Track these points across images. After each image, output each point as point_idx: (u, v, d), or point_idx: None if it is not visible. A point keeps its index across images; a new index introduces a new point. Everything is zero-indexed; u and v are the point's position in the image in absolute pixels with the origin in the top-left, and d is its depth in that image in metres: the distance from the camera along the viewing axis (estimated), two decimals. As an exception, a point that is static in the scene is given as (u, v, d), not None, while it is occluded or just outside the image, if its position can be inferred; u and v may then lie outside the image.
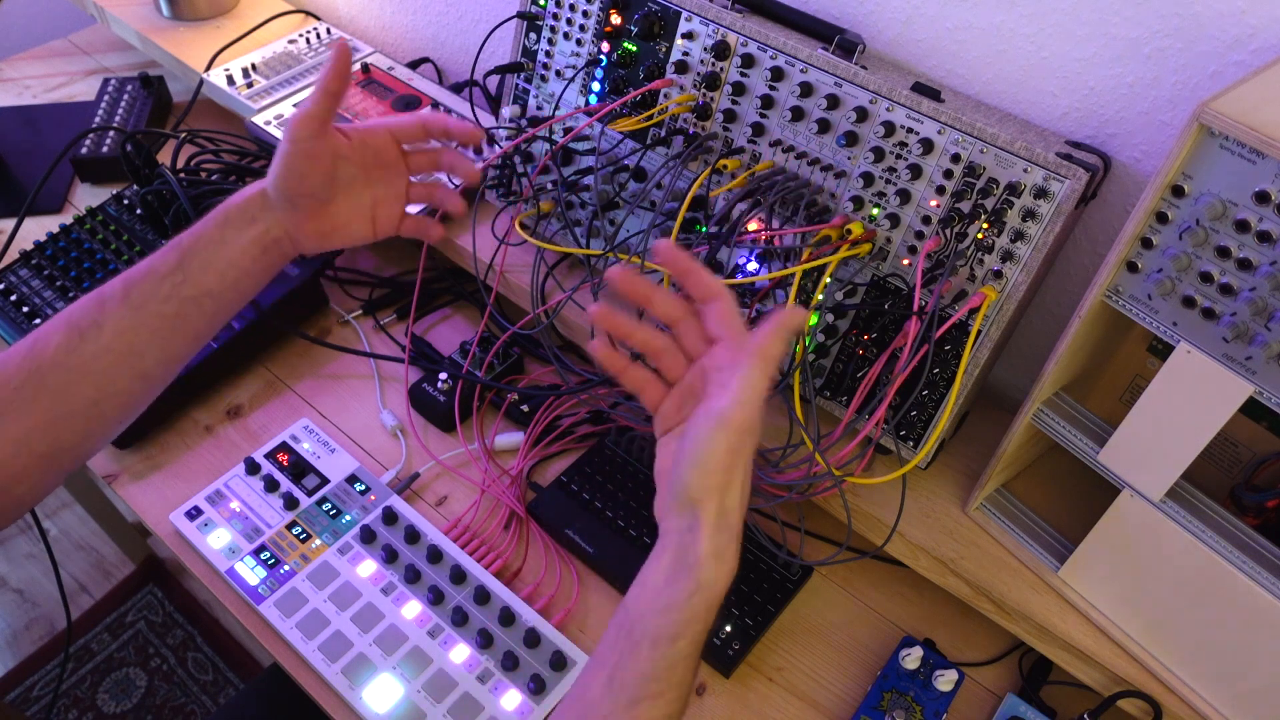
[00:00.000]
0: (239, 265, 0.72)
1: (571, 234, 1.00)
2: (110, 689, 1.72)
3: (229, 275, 0.72)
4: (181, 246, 0.72)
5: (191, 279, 0.71)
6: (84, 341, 0.69)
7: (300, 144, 0.70)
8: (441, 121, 0.77)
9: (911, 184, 0.79)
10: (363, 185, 0.76)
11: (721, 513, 0.56)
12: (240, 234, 0.72)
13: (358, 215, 0.77)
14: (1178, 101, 0.76)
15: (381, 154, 0.76)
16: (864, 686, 0.87)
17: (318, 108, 0.70)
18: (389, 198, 0.78)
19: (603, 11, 0.92)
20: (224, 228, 0.72)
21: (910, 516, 0.86)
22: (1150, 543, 0.73)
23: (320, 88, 0.69)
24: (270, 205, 0.73)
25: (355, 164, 0.75)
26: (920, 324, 0.75)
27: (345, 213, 0.76)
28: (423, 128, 0.77)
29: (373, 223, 0.78)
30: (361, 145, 0.75)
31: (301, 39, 1.36)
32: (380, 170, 0.77)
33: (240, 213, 0.73)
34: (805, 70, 0.81)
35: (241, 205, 0.73)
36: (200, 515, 0.93)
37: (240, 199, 0.73)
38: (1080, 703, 0.82)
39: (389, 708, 0.81)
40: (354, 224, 0.77)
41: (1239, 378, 0.63)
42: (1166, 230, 0.63)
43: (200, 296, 0.72)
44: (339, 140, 0.73)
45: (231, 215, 0.73)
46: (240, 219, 0.73)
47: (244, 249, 0.72)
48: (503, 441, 1.03)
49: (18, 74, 1.51)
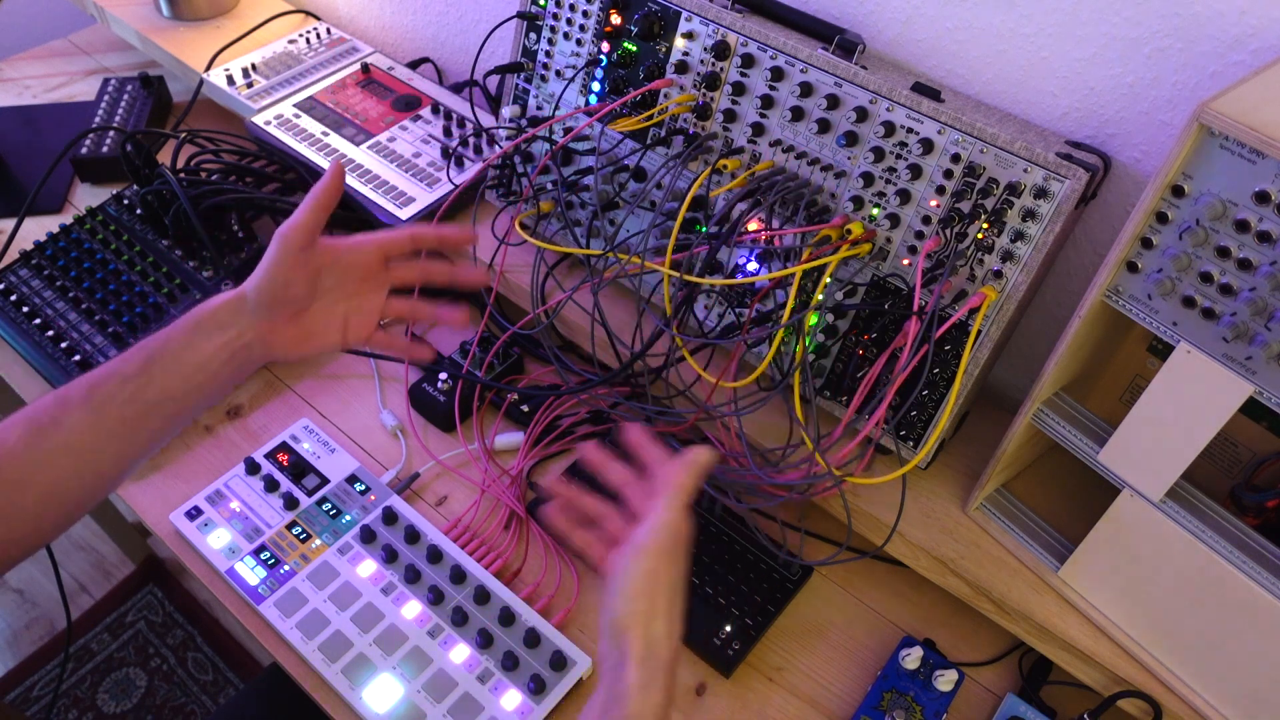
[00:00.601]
0: (205, 370, 0.72)
1: (571, 234, 1.00)
2: (110, 689, 1.72)
3: (194, 380, 0.72)
4: (148, 350, 0.72)
5: (155, 382, 0.71)
6: (42, 438, 0.69)
7: (289, 253, 0.71)
8: (433, 234, 0.78)
9: (911, 184, 0.79)
10: (340, 296, 0.77)
11: (648, 643, 0.59)
12: (209, 339, 0.72)
13: (332, 324, 0.77)
14: (1178, 101, 0.76)
15: (365, 267, 0.77)
16: (864, 686, 0.87)
17: (309, 219, 0.71)
18: (364, 310, 0.78)
19: (603, 11, 0.92)
20: (193, 333, 0.72)
21: (910, 516, 0.86)
22: (1150, 543, 0.73)
23: (312, 200, 0.71)
24: (245, 311, 0.73)
25: (336, 274, 0.76)
26: (920, 324, 0.75)
27: (320, 321, 0.76)
28: (413, 242, 0.78)
29: (344, 333, 0.78)
30: (349, 257, 0.76)
31: (301, 39, 1.36)
32: (359, 283, 0.77)
33: (211, 318, 0.73)
34: (805, 70, 0.81)
35: (213, 311, 0.73)
36: (200, 515, 0.93)
37: (212, 305, 0.73)
38: (1080, 703, 0.82)
39: (389, 708, 0.81)
40: (327, 333, 0.77)
41: (1239, 378, 0.63)
42: (1166, 230, 0.63)
43: (163, 400, 0.71)
44: (325, 251, 0.74)
45: (203, 320, 0.72)
46: (211, 324, 0.72)
47: (212, 354, 0.72)
48: (503, 441, 1.03)
49: (18, 74, 1.51)
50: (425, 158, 1.17)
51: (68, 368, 1.03)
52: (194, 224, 1.07)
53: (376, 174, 1.14)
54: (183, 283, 1.10)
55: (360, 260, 0.76)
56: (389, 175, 1.14)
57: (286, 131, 1.20)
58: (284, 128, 1.20)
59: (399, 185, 1.13)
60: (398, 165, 1.16)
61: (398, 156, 1.17)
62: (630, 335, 0.96)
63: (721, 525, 0.95)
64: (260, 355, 0.75)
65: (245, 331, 0.73)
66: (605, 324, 0.92)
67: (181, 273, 1.10)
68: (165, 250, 1.13)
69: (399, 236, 0.78)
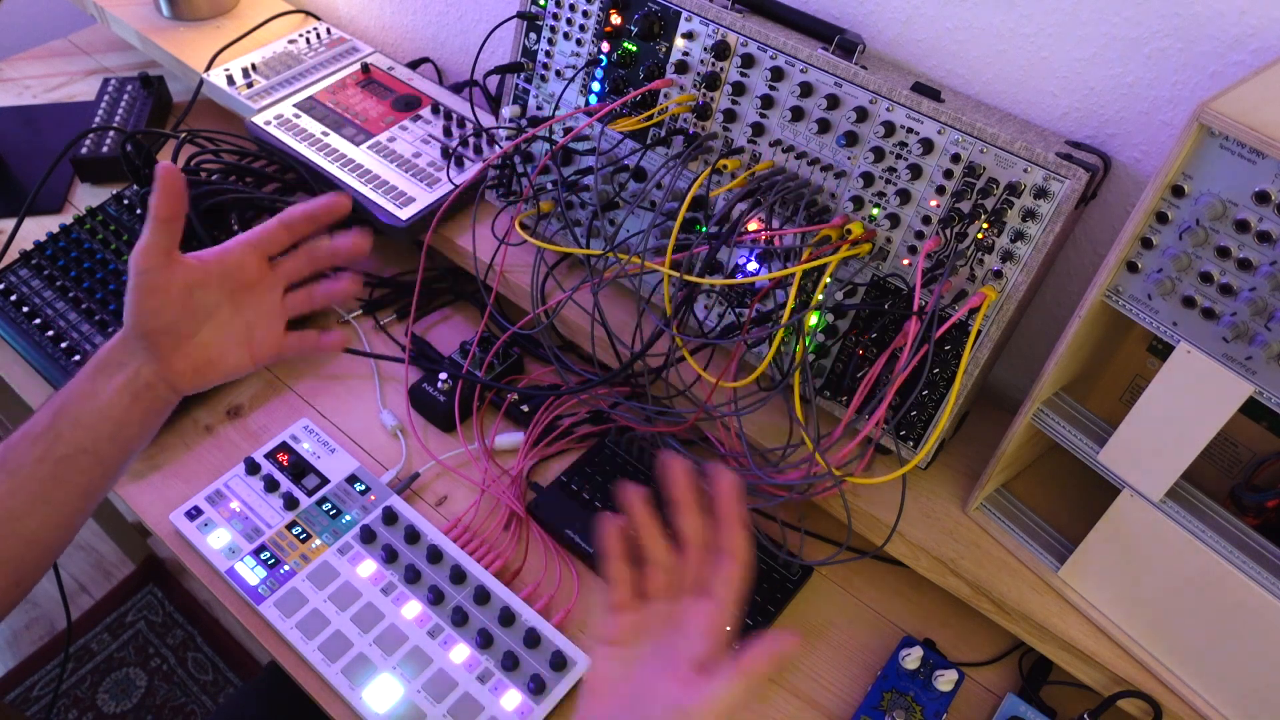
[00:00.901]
0: (110, 417, 0.69)
1: (571, 234, 1.00)
2: (110, 689, 1.72)
3: (102, 429, 0.69)
4: (54, 406, 0.69)
5: (64, 437, 0.68)
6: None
7: (144, 276, 0.66)
8: (301, 212, 0.72)
9: (911, 184, 0.79)
10: (230, 312, 0.71)
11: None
12: (109, 383, 0.69)
13: (233, 343, 0.72)
14: (1178, 101, 0.76)
15: (243, 273, 0.71)
16: (864, 686, 0.87)
17: (155, 237, 0.66)
18: (263, 318, 0.73)
19: (603, 11, 0.92)
20: (94, 378, 0.69)
21: (910, 516, 0.86)
22: (1150, 543, 0.73)
23: (152, 216, 0.65)
24: (133, 349, 0.69)
25: (215, 290, 0.70)
26: (920, 324, 0.75)
27: (217, 344, 0.71)
28: (284, 229, 0.72)
29: (249, 349, 0.73)
30: (219, 268, 0.70)
31: (301, 39, 1.36)
32: (245, 292, 0.72)
33: (107, 361, 0.69)
34: (805, 70, 0.81)
35: (108, 353, 0.70)
36: (200, 515, 0.93)
37: (106, 347, 0.70)
38: (1080, 703, 0.82)
39: (389, 708, 0.81)
40: (230, 353, 0.72)
41: (1239, 378, 0.63)
42: (1166, 230, 0.63)
43: (75, 454, 0.68)
44: (190, 268, 0.69)
45: (100, 364, 0.69)
46: (108, 368, 0.69)
47: (112, 399, 0.69)
48: (503, 441, 1.03)
49: (18, 74, 1.51)
50: (425, 158, 1.17)
51: (68, 368, 1.03)
52: (194, 224, 1.07)
53: (376, 174, 1.14)
54: (183, 283, 1.10)
55: (236, 268, 0.71)
56: (389, 175, 1.14)
57: (286, 131, 1.20)
58: (284, 128, 1.20)
59: (399, 185, 1.13)
60: (398, 165, 1.16)
61: (398, 156, 1.17)
62: (630, 335, 0.96)
63: (721, 525, 0.95)
64: (166, 392, 0.71)
65: (142, 369, 0.69)
66: (605, 324, 0.92)
67: (181, 273, 1.10)
68: (165, 250, 1.13)
69: (269, 230, 0.72)
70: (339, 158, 1.16)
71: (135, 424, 0.70)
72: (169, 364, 0.70)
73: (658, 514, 0.61)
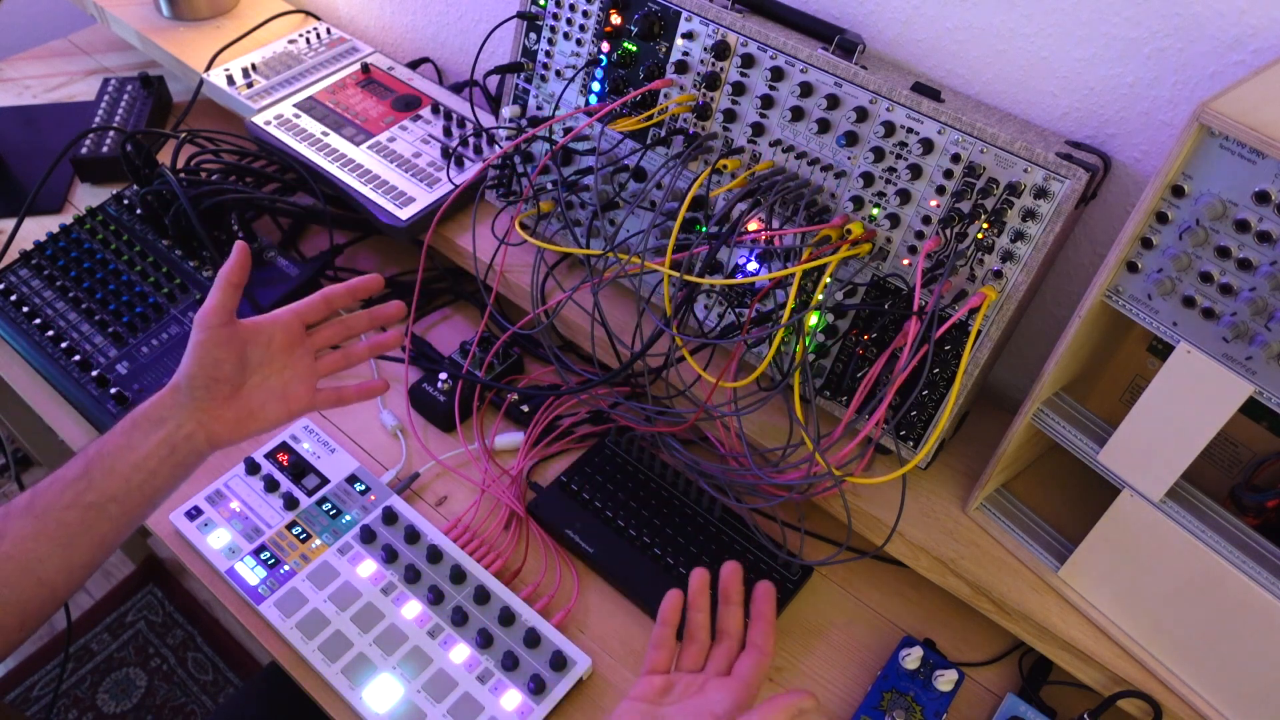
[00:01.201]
0: (145, 468, 0.72)
1: (571, 234, 1.00)
2: (110, 689, 1.72)
3: (135, 479, 0.72)
4: (88, 454, 0.72)
5: (96, 485, 0.71)
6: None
7: (211, 332, 0.74)
8: (345, 290, 0.82)
9: (911, 184, 0.79)
10: (270, 371, 0.79)
11: None
12: (148, 437, 0.73)
13: (271, 398, 0.79)
14: (1178, 101, 0.76)
15: (287, 336, 0.80)
16: (864, 686, 0.87)
17: (222, 298, 0.75)
18: (299, 377, 0.80)
19: (603, 11, 0.92)
20: (130, 433, 0.73)
21: (910, 516, 0.86)
22: (1150, 543, 0.73)
23: (223, 281, 0.75)
24: (181, 403, 0.74)
25: (262, 349, 0.78)
26: (920, 324, 0.75)
27: (259, 397, 0.78)
28: (326, 304, 0.82)
29: (286, 403, 0.80)
30: (269, 330, 0.79)
31: (301, 39, 1.36)
32: (285, 354, 0.80)
33: (147, 417, 0.74)
34: (805, 70, 0.81)
35: (148, 409, 0.74)
36: (200, 515, 0.93)
37: (148, 403, 0.75)
38: (1080, 703, 0.82)
39: (389, 708, 0.81)
40: (269, 406, 0.79)
41: (1239, 378, 0.63)
42: (1166, 230, 0.63)
43: (105, 502, 0.71)
44: (246, 328, 0.77)
45: (138, 420, 0.73)
46: (147, 423, 0.73)
47: (151, 451, 0.73)
48: (503, 441, 1.03)
49: (18, 74, 1.51)
50: (425, 158, 1.17)
51: (68, 368, 1.03)
52: (194, 224, 1.07)
53: (376, 174, 1.14)
54: (183, 283, 1.10)
55: (281, 332, 0.79)
56: (389, 175, 1.14)
57: (286, 131, 1.20)
58: (284, 128, 1.20)
59: (399, 185, 1.13)
60: (398, 165, 1.16)
61: (398, 156, 1.17)
62: (630, 335, 0.96)
63: (721, 525, 0.95)
64: (204, 444, 0.75)
65: (185, 423, 0.74)
66: (605, 324, 0.92)
67: (181, 273, 1.11)
68: (165, 250, 1.13)
69: (313, 303, 0.81)
70: (339, 158, 1.16)
71: (165, 475, 0.74)
72: (217, 415, 0.76)
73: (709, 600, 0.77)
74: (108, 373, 1.02)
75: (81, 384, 1.02)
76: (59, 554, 0.70)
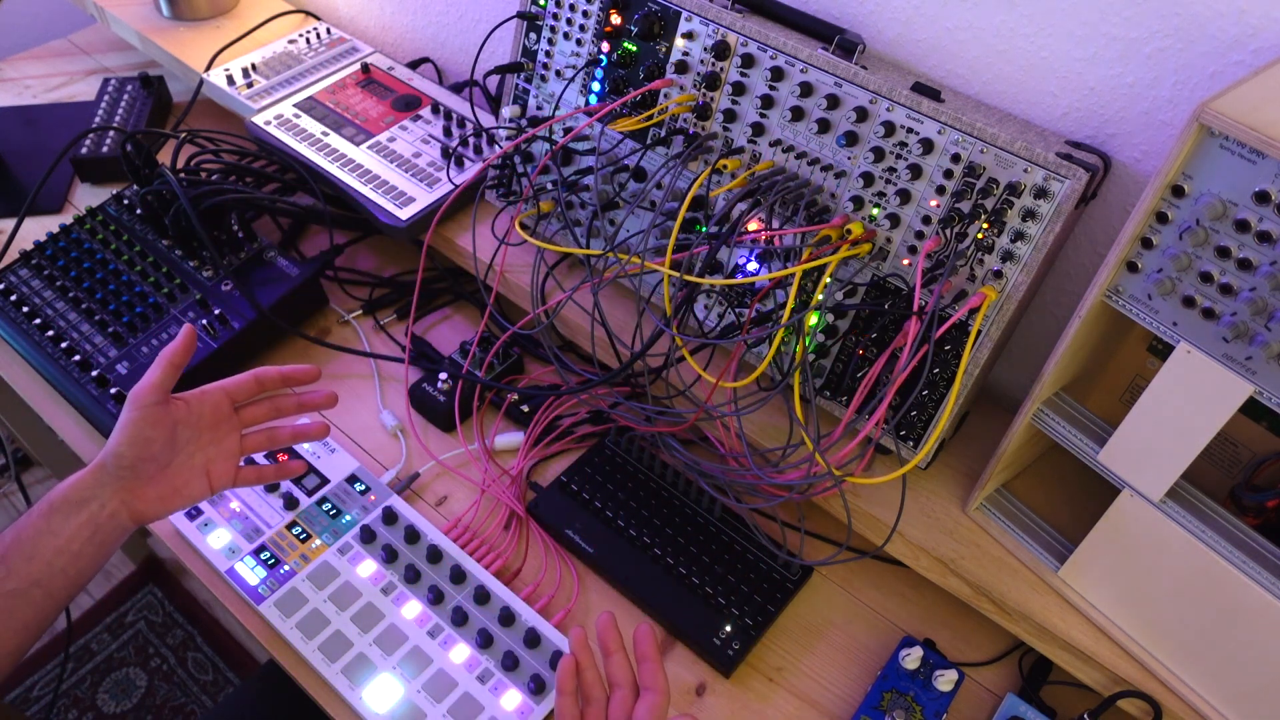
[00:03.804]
0: (69, 551, 0.71)
1: (571, 234, 1.00)
2: (110, 689, 1.72)
3: (58, 562, 0.71)
4: (4, 541, 0.71)
5: (15, 572, 0.70)
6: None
7: (146, 410, 0.74)
8: (276, 374, 0.82)
9: (911, 184, 0.79)
10: (196, 447, 0.78)
11: None
12: (69, 520, 0.72)
13: (195, 475, 0.78)
14: (1178, 101, 0.76)
15: (215, 415, 0.79)
16: (864, 686, 0.87)
17: (161, 377, 0.74)
18: (223, 454, 0.80)
19: (603, 11, 0.92)
20: (50, 517, 0.71)
21: (910, 516, 0.86)
22: (1150, 543, 0.73)
23: (166, 360, 0.75)
24: (105, 481, 0.73)
25: (192, 427, 0.78)
26: (920, 324, 0.75)
27: (184, 474, 0.77)
28: (257, 384, 0.81)
29: (208, 479, 0.79)
30: (199, 408, 0.78)
31: (301, 39, 1.36)
32: (212, 430, 0.79)
33: (67, 498, 0.72)
34: (805, 70, 0.81)
35: (68, 490, 0.73)
36: (200, 515, 0.93)
37: (66, 486, 0.73)
38: (1080, 703, 0.82)
39: (389, 708, 0.81)
40: (192, 483, 0.78)
41: (1239, 378, 0.63)
42: (1166, 230, 0.63)
43: (27, 589, 0.70)
44: (178, 406, 0.77)
45: (57, 504, 0.72)
46: (68, 505, 0.72)
47: (74, 534, 0.71)
48: (503, 441, 1.03)
49: (18, 74, 1.51)
50: (425, 158, 1.17)
51: (68, 368, 1.03)
52: (194, 224, 1.07)
53: (376, 174, 1.14)
54: (183, 283, 1.10)
55: (210, 409, 0.79)
56: (389, 175, 1.14)
57: (286, 131, 1.20)
58: (284, 128, 1.20)
59: (399, 185, 1.13)
60: (398, 165, 1.16)
61: (398, 156, 1.17)
62: (630, 335, 0.96)
63: (721, 525, 0.95)
64: (127, 521, 0.75)
65: (108, 502, 0.73)
66: (605, 324, 0.92)
67: (181, 273, 1.11)
68: (165, 250, 1.13)
69: (244, 382, 0.81)
70: (339, 158, 1.16)
71: (89, 557, 0.73)
72: (141, 493, 0.75)
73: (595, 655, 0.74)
74: (108, 373, 1.02)
75: (81, 384, 1.02)
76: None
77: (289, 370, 0.82)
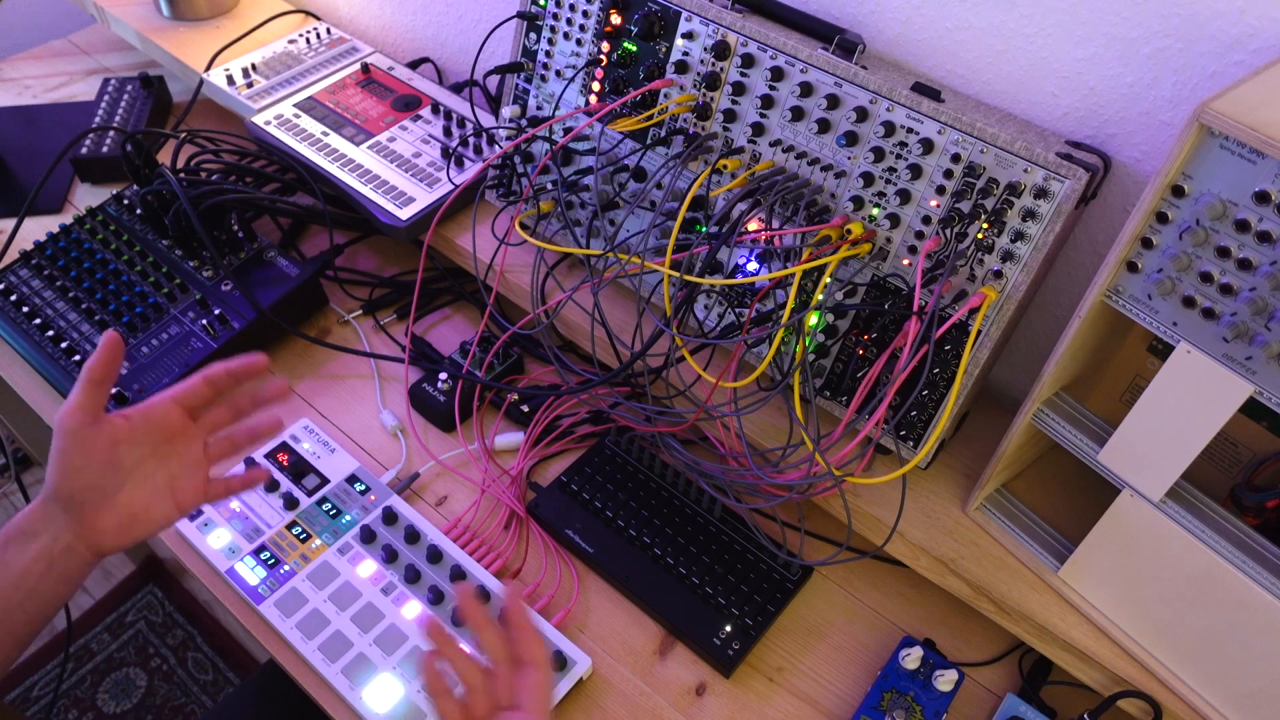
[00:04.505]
0: (24, 585, 0.67)
1: (571, 234, 1.00)
2: (110, 689, 1.72)
3: (14, 596, 0.67)
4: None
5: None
6: None
7: (70, 436, 0.67)
8: (223, 371, 0.74)
9: (911, 184, 0.79)
10: (154, 465, 0.71)
11: None
12: (21, 553, 0.67)
13: (157, 497, 0.71)
14: (1178, 101, 0.76)
15: (167, 427, 0.72)
16: (864, 686, 0.87)
17: (82, 397, 0.67)
18: (186, 469, 0.73)
19: (603, 11, 0.92)
20: (3, 550, 0.68)
21: (910, 516, 0.86)
22: (1150, 543, 0.73)
23: (85, 378, 0.67)
24: (52, 515, 0.68)
25: (140, 444, 0.71)
26: (920, 324, 0.75)
27: (141, 497, 0.71)
28: (208, 386, 0.74)
29: (174, 498, 0.73)
30: (144, 424, 0.71)
31: (301, 39, 1.36)
32: (168, 445, 0.72)
33: (18, 533, 0.68)
34: (805, 70, 0.81)
35: (21, 521, 0.69)
36: (200, 515, 0.93)
37: (20, 517, 0.69)
38: (1080, 703, 0.82)
39: (389, 708, 0.81)
40: (154, 506, 0.71)
41: (1239, 378, 0.63)
42: (1166, 230, 0.63)
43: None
44: (116, 425, 0.69)
45: (12, 534, 0.68)
46: (20, 539, 0.68)
47: (27, 568, 0.67)
48: (503, 441, 1.03)
49: (18, 74, 1.51)
50: (425, 158, 1.17)
51: (68, 368, 1.03)
52: (194, 224, 1.07)
53: (376, 174, 1.14)
54: (183, 283, 1.10)
55: (160, 423, 0.72)
56: (389, 175, 1.14)
57: (286, 131, 1.20)
58: (284, 128, 1.20)
59: (399, 185, 1.13)
60: (398, 165, 1.16)
61: (398, 156, 1.17)
62: (630, 335, 0.96)
63: (721, 525, 0.95)
64: (88, 553, 0.69)
65: (60, 535, 0.68)
66: (605, 324, 0.92)
67: (181, 273, 1.11)
68: (165, 250, 1.13)
69: (193, 386, 0.74)
70: (339, 158, 1.16)
71: (50, 588, 0.69)
72: (92, 523, 0.69)
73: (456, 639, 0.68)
74: (108, 373, 1.02)
75: (81, 384, 1.02)
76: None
77: (236, 365, 0.75)
